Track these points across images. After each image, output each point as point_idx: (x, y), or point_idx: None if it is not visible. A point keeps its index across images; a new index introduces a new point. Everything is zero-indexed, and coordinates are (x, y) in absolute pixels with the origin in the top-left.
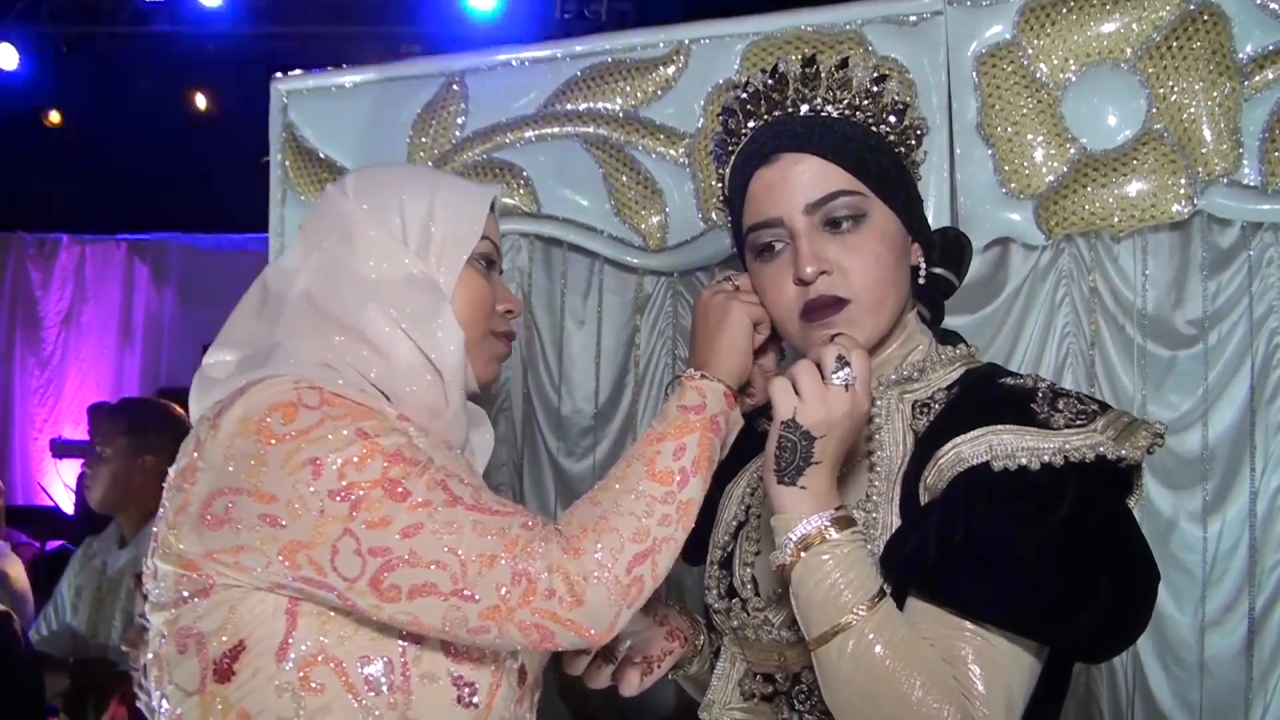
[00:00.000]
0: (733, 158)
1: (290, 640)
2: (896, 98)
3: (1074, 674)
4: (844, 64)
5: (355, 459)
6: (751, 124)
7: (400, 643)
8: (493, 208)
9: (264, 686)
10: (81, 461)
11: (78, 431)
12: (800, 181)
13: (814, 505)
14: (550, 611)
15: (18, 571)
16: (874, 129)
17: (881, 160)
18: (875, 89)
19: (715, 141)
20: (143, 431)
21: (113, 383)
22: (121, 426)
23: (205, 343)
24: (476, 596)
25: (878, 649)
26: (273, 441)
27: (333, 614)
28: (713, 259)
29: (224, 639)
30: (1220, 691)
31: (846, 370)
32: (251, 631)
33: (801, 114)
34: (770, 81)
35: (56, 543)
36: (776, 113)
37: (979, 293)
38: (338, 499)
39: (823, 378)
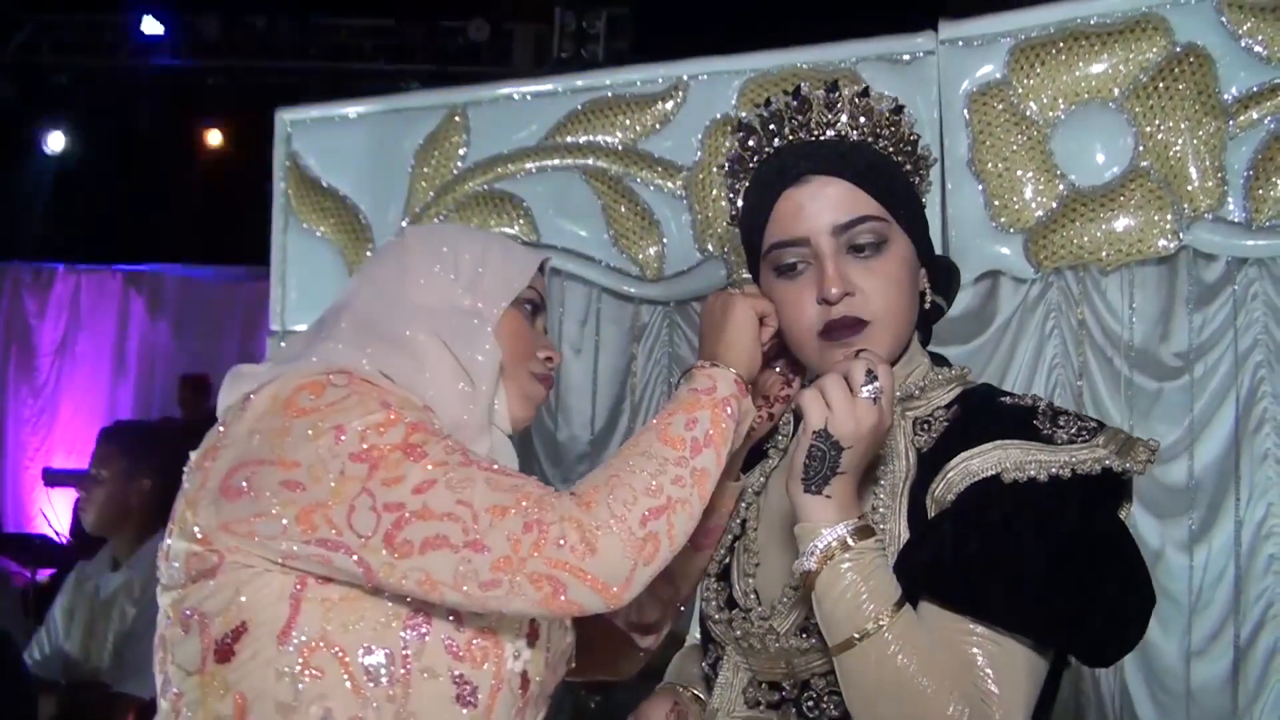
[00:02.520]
0: (752, 175)
1: (294, 624)
2: (913, 127)
3: (1062, 701)
4: (865, 92)
5: (378, 425)
6: (776, 143)
7: (403, 635)
8: (542, 270)
9: (263, 669)
10: (75, 488)
11: (70, 460)
12: (829, 204)
13: (837, 515)
14: (562, 561)
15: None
16: (894, 156)
17: (901, 187)
18: (895, 117)
19: (731, 158)
20: (139, 454)
21: (106, 412)
22: (117, 448)
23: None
24: (488, 547)
25: (900, 655)
26: (299, 415)
27: (337, 601)
28: (709, 289)
29: (227, 619)
30: (1207, 719)
31: (875, 384)
32: (255, 614)
33: (825, 137)
34: (794, 103)
35: (48, 571)
36: (801, 134)
37: (970, 324)
38: (358, 460)
39: (850, 391)
